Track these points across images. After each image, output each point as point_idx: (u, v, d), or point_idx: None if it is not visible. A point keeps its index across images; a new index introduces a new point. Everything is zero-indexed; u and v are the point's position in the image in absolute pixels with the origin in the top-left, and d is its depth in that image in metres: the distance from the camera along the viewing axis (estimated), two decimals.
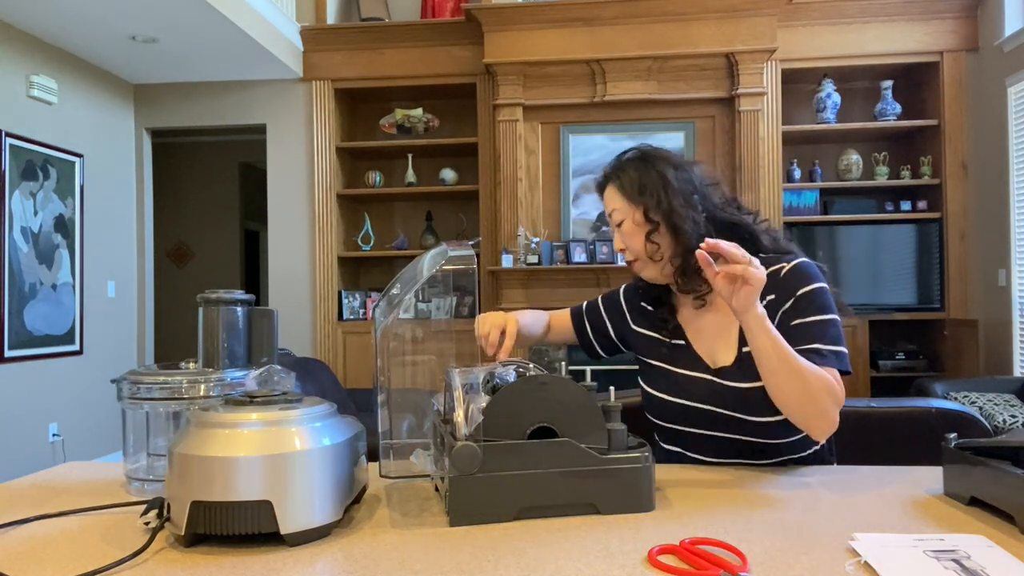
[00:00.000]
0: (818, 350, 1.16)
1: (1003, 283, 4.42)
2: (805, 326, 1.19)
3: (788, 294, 1.22)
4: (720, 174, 4.70)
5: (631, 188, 1.32)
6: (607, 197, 1.37)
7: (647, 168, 1.32)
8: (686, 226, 1.26)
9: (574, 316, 1.53)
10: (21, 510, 1.02)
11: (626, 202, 1.32)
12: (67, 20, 4.09)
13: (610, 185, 1.36)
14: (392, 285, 1.22)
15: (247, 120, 5.22)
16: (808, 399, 1.10)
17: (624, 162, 1.36)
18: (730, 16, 4.55)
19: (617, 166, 1.37)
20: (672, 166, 1.32)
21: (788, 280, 1.24)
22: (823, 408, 1.10)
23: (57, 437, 4.45)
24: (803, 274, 1.24)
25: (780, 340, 1.10)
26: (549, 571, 0.77)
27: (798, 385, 1.09)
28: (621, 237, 1.35)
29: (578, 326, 1.52)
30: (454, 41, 4.96)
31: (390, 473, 1.15)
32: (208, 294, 1.17)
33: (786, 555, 0.81)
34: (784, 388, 1.11)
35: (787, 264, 1.26)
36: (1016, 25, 4.34)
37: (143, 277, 5.32)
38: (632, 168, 1.33)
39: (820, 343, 1.17)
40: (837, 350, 1.17)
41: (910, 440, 1.58)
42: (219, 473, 0.83)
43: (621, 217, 1.33)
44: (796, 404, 1.11)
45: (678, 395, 1.30)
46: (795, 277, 1.24)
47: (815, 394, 1.10)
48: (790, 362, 1.09)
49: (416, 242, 5.30)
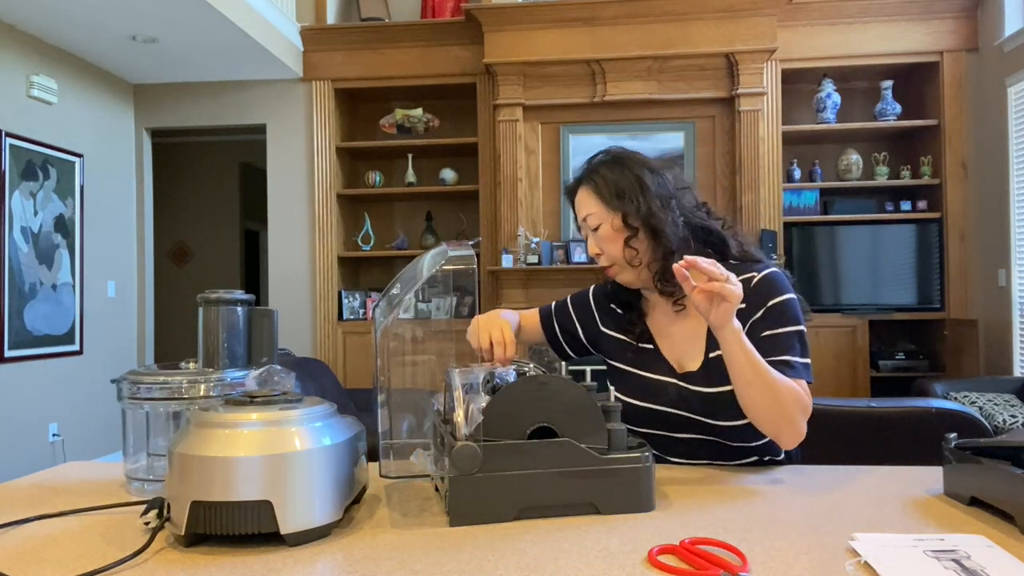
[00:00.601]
0: (788, 362, 1.18)
1: (1003, 283, 4.42)
2: (776, 337, 1.21)
3: (759, 305, 1.23)
4: (720, 174, 4.71)
5: (608, 192, 1.29)
6: (580, 201, 1.34)
7: (623, 171, 1.29)
8: (666, 230, 1.26)
9: (543, 316, 1.50)
10: (21, 510, 1.02)
11: (603, 206, 1.29)
12: (67, 20, 4.09)
13: (584, 188, 1.33)
14: (392, 285, 1.22)
15: (247, 120, 5.22)
16: (779, 410, 1.12)
17: (597, 165, 1.33)
18: (730, 16, 4.55)
19: (590, 169, 1.34)
20: (648, 169, 1.30)
21: (759, 290, 1.25)
22: (792, 419, 1.13)
23: (57, 437, 4.44)
24: (773, 285, 1.25)
25: (754, 353, 1.12)
26: (549, 571, 0.77)
27: (770, 397, 1.12)
28: (596, 242, 1.33)
29: (547, 326, 1.49)
30: (454, 41, 4.96)
31: (390, 473, 1.15)
32: (208, 294, 1.17)
33: (786, 555, 0.81)
34: (756, 400, 1.13)
35: (757, 274, 1.27)
36: (1016, 25, 4.34)
37: (143, 277, 5.32)
38: (607, 171, 1.31)
39: (790, 355, 1.19)
40: (805, 362, 1.21)
41: (910, 440, 1.59)
42: (219, 473, 0.83)
43: (598, 222, 1.30)
44: (767, 415, 1.14)
45: (646, 399, 1.30)
46: (766, 287, 1.25)
47: (786, 406, 1.12)
48: (763, 375, 1.11)
49: (416, 242, 5.30)
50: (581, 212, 1.34)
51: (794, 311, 1.23)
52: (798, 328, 1.22)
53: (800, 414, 1.14)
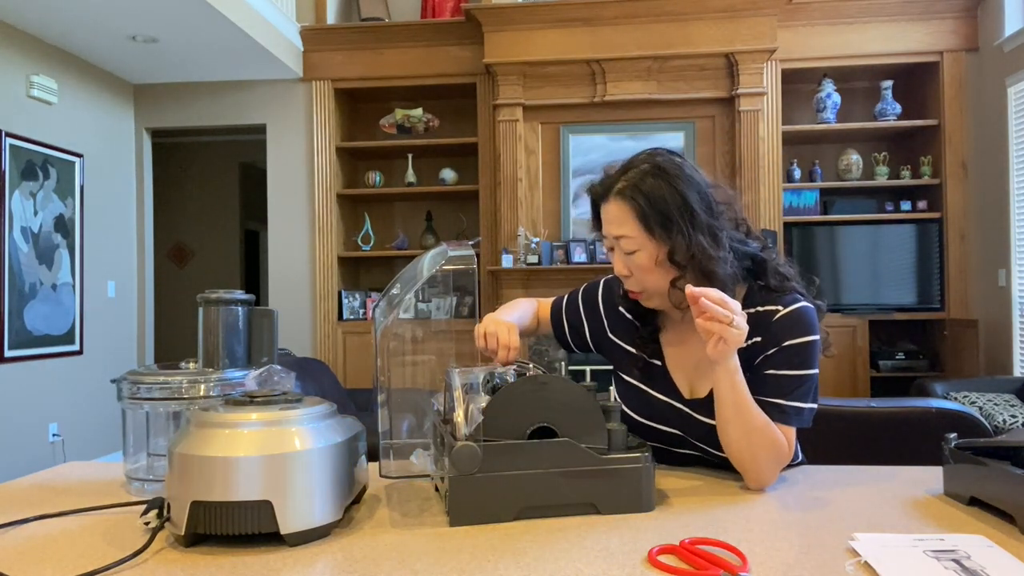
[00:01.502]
0: (781, 406, 1.13)
1: (1003, 283, 4.42)
2: (779, 378, 1.14)
3: (774, 342, 1.15)
4: (720, 174, 4.71)
5: (652, 217, 1.13)
6: (615, 216, 1.17)
7: (671, 191, 1.13)
8: (719, 271, 1.13)
9: (553, 310, 1.44)
10: (21, 510, 1.02)
11: (643, 232, 1.14)
12: (67, 20, 4.09)
13: (619, 203, 1.16)
14: (392, 285, 1.22)
15: (247, 120, 5.22)
16: (750, 455, 1.10)
17: (638, 176, 1.15)
18: (730, 16, 4.55)
19: (630, 180, 1.16)
20: (695, 189, 1.15)
21: (779, 327, 1.15)
22: (760, 467, 1.10)
23: (57, 437, 4.44)
24: (796, 325, 1.15)
25: (743, 394, 1.09)
26: (549, 571, 0.77)
27: (744, 441, 1.10)
28: (627, 264, 1.18)
29: (555, 320, 1.43)
30: (454, 41, 4.96)
31: (390, 473, 1.15)
32: (208, 294, 1.17)
33: (786, 555, 0.81)
34: (731, 437, 1.11)
35: (783, 308, 1.16)
36: (1016, 25, 4.34)
37: (143, 277, 5.32)
38: (651, 187, 1.14)
39: (784, 399, 1.13)
40: (799, 407, 1.14)
41: (910, 440, 1.59)
42: (219, 473, 0.83)
43: (635, 247, 1.16)
44: (737, 455, 1.12)
45: (649, 417, 1.26)
46: (787, 326, 1.15)
47: (756, 454, 1.09)
48: (744, 418, 1.09)
49: (416, 242, 5.30)
50: (613, 229, 1.18)
51: (808, 355, 1.14)
52: (807, 372, 1.14)
53: (771, 463, 1.10)
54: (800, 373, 1.14)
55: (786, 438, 1.12)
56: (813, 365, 1.15)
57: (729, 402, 1.09)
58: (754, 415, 1.10)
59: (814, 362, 1.15)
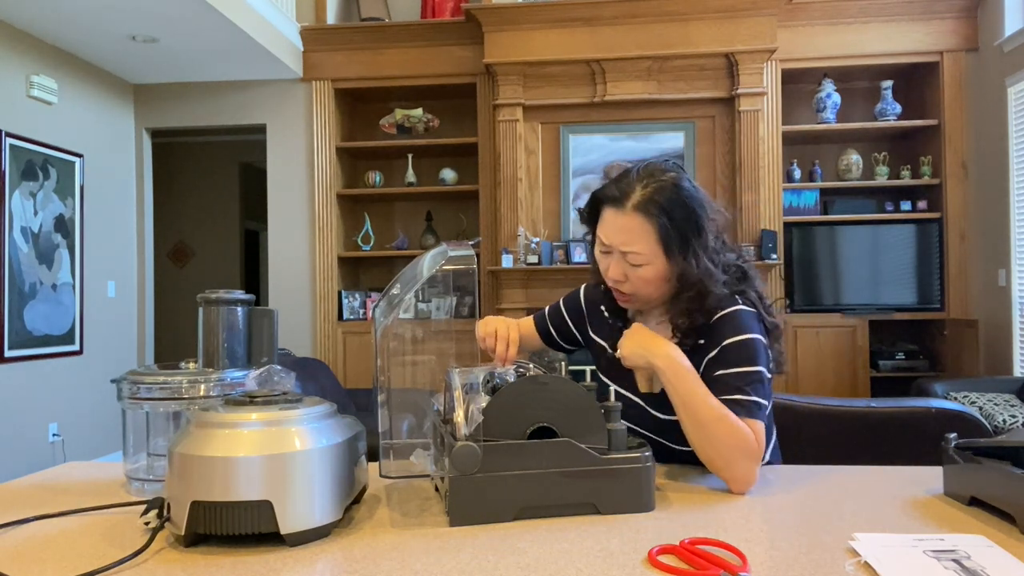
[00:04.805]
0: (737, 400, 1.13)
1: (1003, 283, 4.42)
2: (726, 377, 1.16)
3: (715, 343, 1.19)
4: (720, 174, 4.71)
5: (673, 240, 1.16)
6: (630, 228, 1.18)
7: (687, 212, 1.17)
8: (715, 291, 1.19)
9: (537, 320, 1.50)
10: (21, 510, 1.02)
11: (660, 251, 1.17)
12: (67, 20, 4.09)
13: (639, 217, 1.17)
14: (392, 285, 1.22)
15: (247, 120, 5.22)
16: (712, 450, 1.08)
17: (662, 194, 1.17)
18: (730, 16, 4.55)
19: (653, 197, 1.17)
20: (708, 215, 1.19)
21: (717, 328, 1.20)
22: (728, 461, 1.07)
23: (57, 437, 4.44)
24: (730, 324, 1.19)
25: (689, 390, 1.11)
26: (549, 571, 0.77)
27: (700, 433, 1.10)
28: (625, 271, 1.21)
29: (541, 327, 1.48)
30: (454, 41, 4.96)
31: (390, 473, 1.14)
32: (208, 294, 1.17)
33: (786, 555, 0.81)
34: (688, 433, 1.12)
35: (722, 311, 1.21)
36: (1016, 25, 4.34)
37: (143, 277, 5.32)
38: (667, 202, 1.16)
39: (740, 394, 1.14)
40: (758, 401, 1.14)
41: (910, 440, 1.58)
42: (219, 473, 0.83)
43: (644, 262, 1.18)
44: (700, 452, 1.11)
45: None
46: (724, 326, 1.19)
47: (719, 447, 1.08)
48: (692, 411, 1.10)
49: (416, 242, 5.30)
50: (625, 241, 1.19)
51: (749, 351, 1.17)
52: (754, 369, 1.16)
53: (740, 457, 1.06)
54: (747, 369, 1.16)
55: (753, 431, 1.10)
56: (758, 362, 1.17)
57: (677, 400, 1.12)
58: (705, 409, 1.10)
59: (758, 359, 1.17)
